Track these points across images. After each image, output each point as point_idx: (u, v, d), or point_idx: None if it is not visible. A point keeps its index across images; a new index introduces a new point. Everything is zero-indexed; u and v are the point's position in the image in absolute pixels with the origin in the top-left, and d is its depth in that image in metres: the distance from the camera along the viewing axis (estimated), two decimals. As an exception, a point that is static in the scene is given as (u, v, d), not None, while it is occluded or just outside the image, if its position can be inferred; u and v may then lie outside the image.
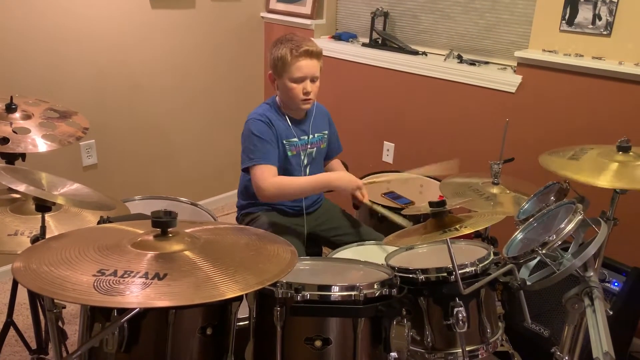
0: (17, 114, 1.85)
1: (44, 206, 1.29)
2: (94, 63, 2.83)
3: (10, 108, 1.85)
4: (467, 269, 1.46)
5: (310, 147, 2.13)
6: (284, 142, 2.03)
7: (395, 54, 3.03)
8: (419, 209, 1.63)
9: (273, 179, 1.95)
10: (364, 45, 3.21)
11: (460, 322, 1.39)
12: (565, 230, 1.21)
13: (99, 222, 1.44)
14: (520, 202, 1.67)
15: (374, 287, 1.30)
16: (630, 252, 2.20)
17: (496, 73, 2.68)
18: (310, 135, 2.12)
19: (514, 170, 2.07)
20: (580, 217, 1.23)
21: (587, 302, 1.18)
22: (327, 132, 2.20)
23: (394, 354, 1.30)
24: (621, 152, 1.59)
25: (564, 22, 2.37)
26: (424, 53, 2.99)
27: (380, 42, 3.15)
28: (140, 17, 2.96)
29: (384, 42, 3.13)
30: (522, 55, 2.50)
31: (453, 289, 1.39)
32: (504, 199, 1.89)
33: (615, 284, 2.05)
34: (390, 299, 1.32)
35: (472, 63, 2.79)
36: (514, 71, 2.62)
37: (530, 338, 2.08)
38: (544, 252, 1.21)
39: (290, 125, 2.06)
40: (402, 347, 1.30)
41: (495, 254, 1.56)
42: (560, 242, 1.21)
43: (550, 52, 2.44)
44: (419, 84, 2.94)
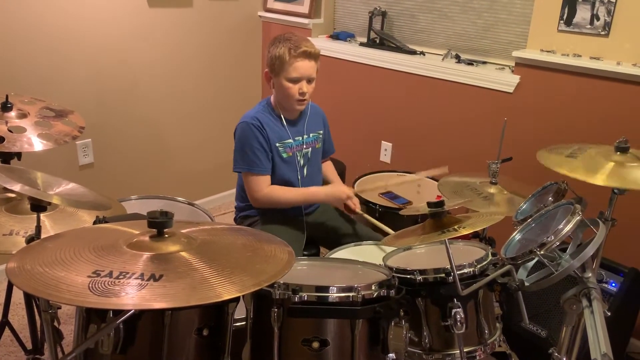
0: (13, 113, 1.85)
1: (39, 206, 1.28)
2: (90, 61, 2.81)
3: (5, 107, 1.84)
4: (465, 270, 1.46)
5: (306, 148, 2.12)
6: (276, 145, 2.03)
7: (393, 54, 3.03)
8: (417, 209, 1.61)
9: (266, 191, 2.00)
10: (361, 44, 3.21)
11: (458, 323, 1.38)
12: (564, 231, 1.20)
13: (94, 222, 1.43)
14: (518, 202, 1.67)
15: (372, 288, 1.30)
16: (627, 252, 2.20)
17: (494, 73, 2.68)
18: (305, 135, 2.12)
19: (511, 169, 2.07)
20: (578, 217, 1.23)
21: (585, 303, 1.18)
22: (322, 132, 2.20)
23: (391, 355, 1.29)
24: (619, 152, 1.58)
25: (562, 22, 2.37)
26: (422, 53, 2.99)
27: (378, 41, 3.15)
28: (138, 16, 2.95)
29: (381, 41, 3.13)
30: (520, 55, 2.50)
31: (451, 289, 1.38)
32: (501, 198, 1.89)
33: (613, 284, 2.05)
34: (388, 300, 1.32)
35: (470, 63, 2.78)
36: (512, 71, 2.62)
37: (527, 339, 2.07)
38: (542, 253, 1.20)
39: (284, 125, 2.06)
40: (400, 348, 1.29)
41: (493, 254, 1.55)
42: (558, 243, 1.21)
43: (548, 52, 2.44)
44: (416, 83, 2.94)
